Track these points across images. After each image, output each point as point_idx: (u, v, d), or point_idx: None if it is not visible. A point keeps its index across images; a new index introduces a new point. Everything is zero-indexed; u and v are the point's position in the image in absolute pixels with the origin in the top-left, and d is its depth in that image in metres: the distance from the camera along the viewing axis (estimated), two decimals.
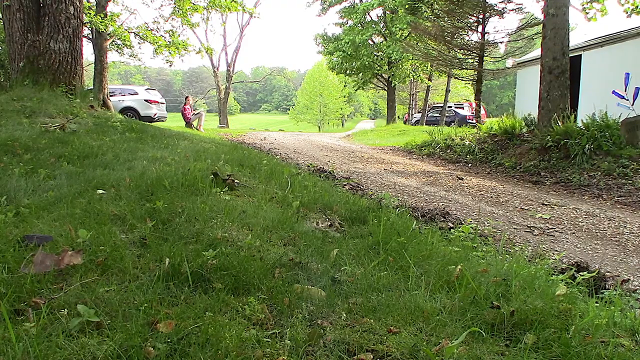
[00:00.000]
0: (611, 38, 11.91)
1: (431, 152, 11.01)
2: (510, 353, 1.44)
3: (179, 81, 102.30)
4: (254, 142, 12.37)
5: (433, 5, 17.41)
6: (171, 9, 14.26)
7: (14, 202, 2.25)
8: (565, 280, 2.43)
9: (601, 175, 6.53)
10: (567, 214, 4.82)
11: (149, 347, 1.20)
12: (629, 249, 3.64)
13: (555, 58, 8.27)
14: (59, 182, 2.81)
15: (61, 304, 1.36)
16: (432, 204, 4.99)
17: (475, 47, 15.76)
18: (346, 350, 1.36)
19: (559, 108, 8.23)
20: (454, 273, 1.96)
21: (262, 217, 2.56)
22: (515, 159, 8.24)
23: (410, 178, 7.19)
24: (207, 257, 1.75)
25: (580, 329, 1.57)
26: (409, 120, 32.68)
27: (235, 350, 1.24)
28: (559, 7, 8.26)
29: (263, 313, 1.50)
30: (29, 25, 7.13)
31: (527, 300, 1.71)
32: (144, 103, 16.36)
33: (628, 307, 2.34)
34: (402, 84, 29.99)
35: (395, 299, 1.72)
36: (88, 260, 1.69)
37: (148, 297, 1.46)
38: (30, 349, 1.10)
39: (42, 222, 2.00)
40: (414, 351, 1.37)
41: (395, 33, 24.08)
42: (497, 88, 61.17)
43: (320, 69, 51.17)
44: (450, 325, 1.55)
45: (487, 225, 4.08)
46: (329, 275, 1.93)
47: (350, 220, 3.01)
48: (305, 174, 5.11)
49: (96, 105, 8.17)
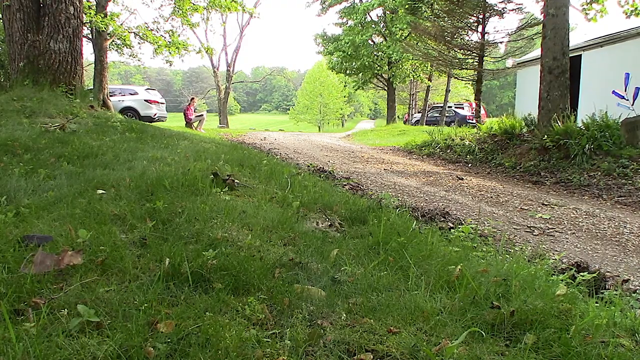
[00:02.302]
0: (611, 38, 11.91)
1: (431, 152, 11.01)
2: (510, 353, 1.44)
3: (179, 81, 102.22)
4: (253, 142, 12.37)
5: (433, 5, 17.42)
6: (171, 9, 14.27)
7: (14, 202, 2.25)
8: (565, 280, 2.43)
9: (601, 175, 6.53)
10: (567, 214, 4.82)
11: (149, 347, 1.20)
12: (629, 249, 3.64)
13: (555, 58, 8.27)
14: (59, 182, 2.81)
15: (61, 304, 1.36)
16: (432, 204, 4.99)
17: (475, 47, 15.77)
18: (346, 350, 1.36)
19: (559, 108, 8.23)
20: (454, 273, 1.96)
21: (262, 217, 2.56)
22: (515, 159, 8.24)
23: (410, 178, 7.19)
24: (207, 257, 1.75)
25: (580, 329, 1.57)
26: (409, 120, 32.66)
27: (235, 350, 1.24)
28: (559, 7, 8.26)
29: (263, 313, 1.50)
30: (29, 25, 7.13)
31: (527, 300, 1.71)
32: (144, 103, 16.37)
33: (628, 307, 2.34)
34: (402, 84, 30.00)
35: (395, 299, 1.72)
36: (88, 260, 1.69)
37: (148, 297, 1.46)
38: (30, 349, 1.10)
39: (42, 222, 2.00)
40: (414, 351, 1.37)
41: (395, 33, 24.07)
42: (497, 88, 61.18)
43: (321, 69, 51.16)
44: (450, 325, 1.55)
45: (487, 225, 4.08)
46: (329, 275, 1.93)
47: (350, 220, 3.01)
48: (305, 174, 5.11)
49: (96, 105, 8.17)
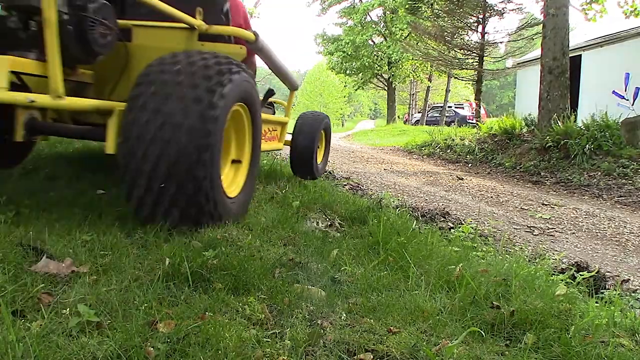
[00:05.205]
0: (611, 38, 11.91)
1: (431, 152, 11.01)
2: (510, 353, 1.44)
3: None
4: None
5: (433, 5, 17.42)
6: None
7: (14, 202, 2.25)
8: (565, 280, 2.43)
9: (601, 175, 6.53)
10: (567, 214, 4.82)
11: (149, 347, 1.20)
12: (629, 249, 3.65)
13: (555, 58, 8.27)
14: (59, 182, 2.81)
15: (62, 304, 1.36)
16: (432, 203, 4.99)
17: (475, 47, 15.77)
18: (346, 350, 1.36)
19: (559, 108, 8.23)
20: (454, 273, 1.96)
21: (262, 217, 2.57)
22: (515, 159, 8.24)
23: (410, 178, 7.19)
24: (207, 257, 1.75)
25: (580, 329, 1.57)
26: (409, 120, 32.64)
27: (235, 350, 1.24)
28: (559, 7, 8.26)
29: (263, 313, 1.50)
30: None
31: (527, 300, 1.71)
32: None
33: (628, 307, 2.34)
34: (402, 84, 30.01)
35: (395, 299, 1.73)
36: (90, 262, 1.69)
37: (148, 297, 1.46)
38: (30, 349, 1.10)
39: (42, 222, 2.00)
40: (414, 351, 1.37)
41: (395, 33, 24.09)
42: (497, 88, 61.17)
43: (321, 69, 51.15)
44: (450, 325, 1.55)
45: (487, 225, 4.08)
46: (329, 275, 1.93)
47: (350, 220, 3.02)
48: None
49: None
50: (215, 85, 2.08)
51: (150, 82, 2.07)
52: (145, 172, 1.99)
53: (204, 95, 2.03)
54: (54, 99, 2.00)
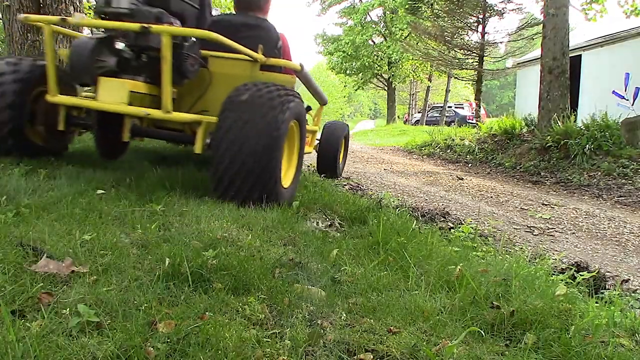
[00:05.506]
0: (611, 38, 11.91)
1: (431, 152, 11.02)
2: (510, 353, 1.44)
3: None
4: None
5: (433, 5, 17.43)
6: None
7: (14, 202, 2.25)
8: (565, 280, 2.43)
9: (601, 175, 6.54)
10: (567, 214, 4.82)
11: (149, 347, 1.20)
12: (629, 249, 3.65)
13: (555, 58, 8.27)
14: (59, 182, 2.81)
15: (61, 304, 1.36)
16: (432, 203, 4.99)
17: (475, 47, 15.78)
18: (346, 350, 1.36)
19: (559, 108, 8.23)
20: (454, 273, 1.96)
21: (262, 217, 2.56)
22: (515, 159, 8.24)
23: (410, 178, 7.19)
24: (207, 257, 1.75)
25: (580, 329, 1.57)
26: (409, 120, 32.65)
27: (235, 350, 1.24)
28: (559, 7, 8.27)
29: (263, 313, 1.49)
30: (29, 25, 7.13)
31: (527, 300, 1.71)
32: None
33: (628, 307, 2.34)
34: (402, 84, 30.01)
35: (395, 299, 1.72)
36: (90, 262, 1.69)
37: (148, 297, 1.46)
38: (30, 349, 1.10)
39: (42, 222, 2.00)
40: (414, 351, 1.37)
41: (395, 33, 24.09)
42: (497, 88, 61.13)
43: (321, 69, 51.19)
44: (450, 325, 1.55)
45: (487, 225, 4.08)
46: (329, 275, 1.93)
47: (350, 220, 3.02)
48: (305, 174, 5.11)
49: None
50: (279, 113, 2.79)
51: (233, 109, 2.79)
52: (235, 169, 2.74)
53: (272, 120, 2.76)
54: (164, 113, 2.82)
